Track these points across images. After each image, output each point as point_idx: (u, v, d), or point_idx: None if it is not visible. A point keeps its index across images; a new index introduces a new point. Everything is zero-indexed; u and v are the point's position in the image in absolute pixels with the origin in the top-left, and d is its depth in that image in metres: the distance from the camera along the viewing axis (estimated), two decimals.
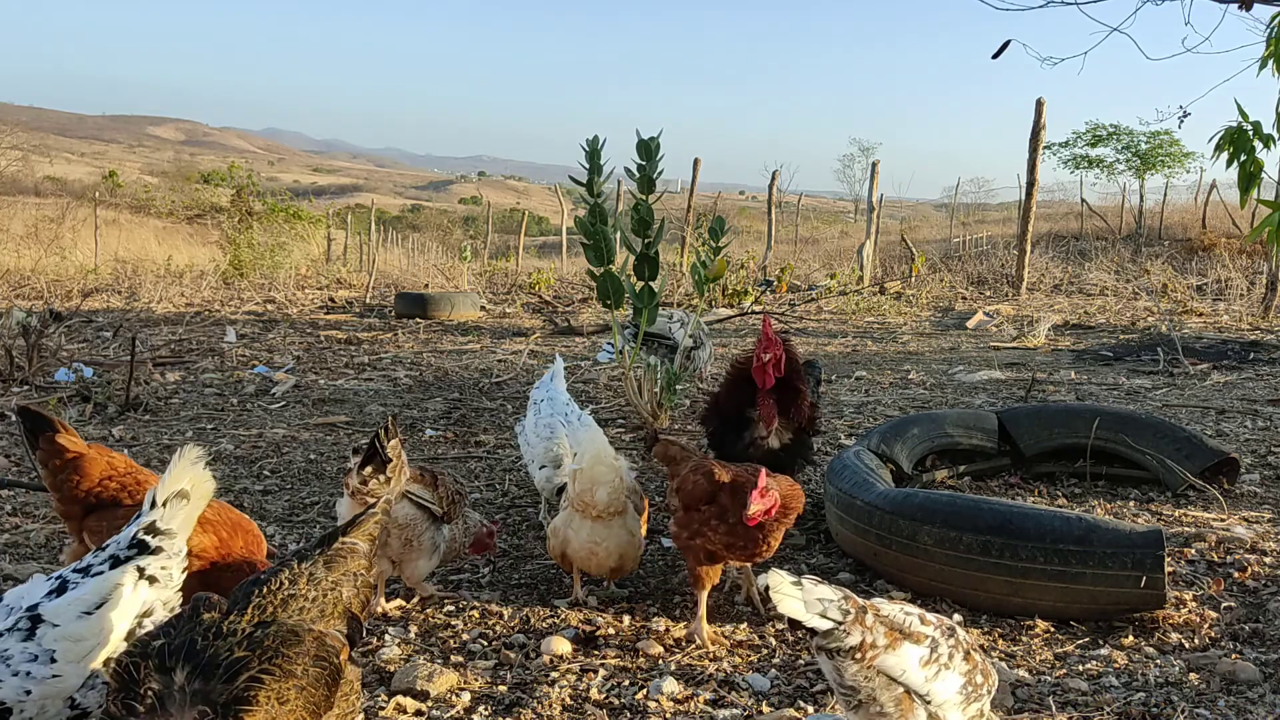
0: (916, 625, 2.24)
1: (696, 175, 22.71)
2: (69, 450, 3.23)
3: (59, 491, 3.23)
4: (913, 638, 2.21)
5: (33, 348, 8.01)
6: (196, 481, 2.62)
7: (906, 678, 2.19)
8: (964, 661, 2.28)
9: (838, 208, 62.85)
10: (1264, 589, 3.78)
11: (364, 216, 35.79)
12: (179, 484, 2.59)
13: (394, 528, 3.52)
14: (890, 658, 2.17)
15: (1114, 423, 5.33)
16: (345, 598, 2.33)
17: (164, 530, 2.57)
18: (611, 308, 6.52)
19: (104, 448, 3.37)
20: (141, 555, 2.52)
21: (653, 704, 2.93)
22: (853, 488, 4.05)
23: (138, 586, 2.50)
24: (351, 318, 13.68)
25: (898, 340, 11.73)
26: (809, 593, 2.11)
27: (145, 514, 2.58)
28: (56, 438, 3.24)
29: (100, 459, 3.27)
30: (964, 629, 2.50)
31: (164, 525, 2.57)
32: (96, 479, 3.22)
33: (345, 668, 2.27)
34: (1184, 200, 34.47)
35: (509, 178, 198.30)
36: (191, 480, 2.61)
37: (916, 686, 2.20)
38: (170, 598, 2.58)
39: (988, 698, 2.34)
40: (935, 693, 2.22)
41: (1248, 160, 4.09)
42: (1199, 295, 15.68)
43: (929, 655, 2.22)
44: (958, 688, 2.25)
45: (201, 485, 2.63)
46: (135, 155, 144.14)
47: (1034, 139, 16.44)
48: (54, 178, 50.37)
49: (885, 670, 2.17)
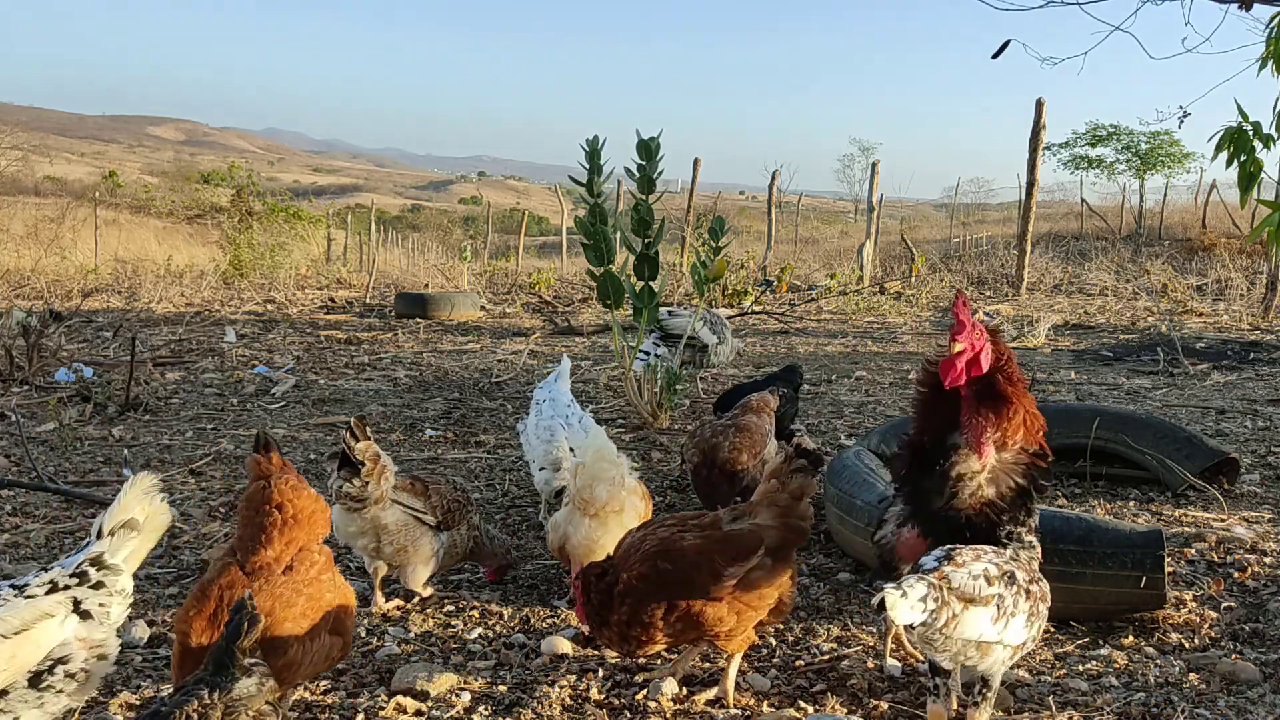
0: (984, 589, 2.49)
1: (696, 175, 22.71)
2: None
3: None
4: (981, 601, 2.47)
5: (33, 348, 8.01)
6: (150, 513, 2.42)
7: (983, 638, 2.49)
8: (1025, 601, 2.57)
9: (838, 208, 62.84)
10: (1264, 589, 3.78)
11: (364, 216, 35.77)
12: (128, 513, 2.38)
13: (384, 534, 3.50)
14: (965, 626, 2.45)
15: (1114, 423, 5.33)
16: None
17: (109, 565, 2.35)
18: (611, 308, 6.52)
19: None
20: (81, 586, 2.30)
21: (652, 704, 2.93)
22: (853, 488, 4.05)
23: (66, 621, 2.25)
24: (351, 318, 13.67)
25: (898, 340, 11.73)
26: (911, 596, 2.36)
27: (92, 544, 2.38)
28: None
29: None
30: (1016, 563, 2.66)
31: (110, 559, 2.35)
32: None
33: None
34: (1184, 200, 34.47)
35: (509, 178, 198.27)
36: (144, 511, 2.40)
37: (990, 639, 2.50)
38: (104, 640, 2.32)
39: (1045, 615, 2.68)
40: (1007, 637, 2.53)
41: (1248, 160, 4.08)
42: (1199, 295, 15.68)
43: (997, 613, 2.50)
44: (1022, 624, 2.57)
45: (156, 518, 2.43)
46: (135, 155, 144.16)
47: (1034, 139, 16.43)
48: (54, 178, 50.36)
49: (962, 635, 2.46)
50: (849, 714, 2.86)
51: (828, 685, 3.06)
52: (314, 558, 2.64)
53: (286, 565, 2.56)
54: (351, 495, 3.37)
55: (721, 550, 2.91)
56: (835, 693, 3.00)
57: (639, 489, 3.70)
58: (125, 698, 2.92)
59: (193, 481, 5.36)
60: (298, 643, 2.47)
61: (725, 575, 2.87)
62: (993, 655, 2.54)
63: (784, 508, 2.99)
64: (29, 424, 6.52)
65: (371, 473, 3.37)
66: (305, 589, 2.55)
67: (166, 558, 4.19)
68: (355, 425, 3.35)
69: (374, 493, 3.40)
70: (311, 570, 2.61)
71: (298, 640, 2.47)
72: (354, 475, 3.34)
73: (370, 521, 3.47)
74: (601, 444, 3.56)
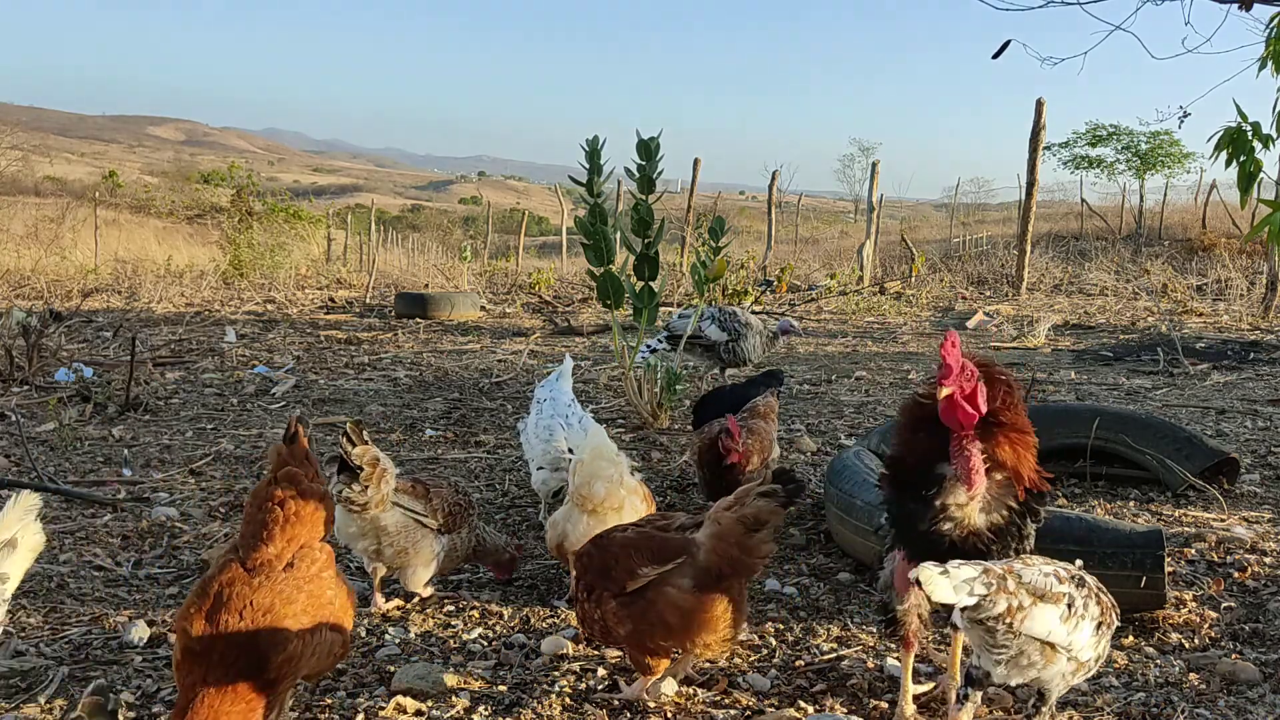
0: (1054, 586, 2.44)
1: (696, 175, 22.71)
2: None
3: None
4: (1051, 598, 2.42)
5: (33, 348, 8.01)
6: (25, 533, 2.37)
7: (1051, 636, 2.42)
8: (1095, 606, 2.52)
9: (838, 208, 62.82)
10: (1264, 589, 3.79)
11: (364, 216, 35.77)
12: (8, 532, 2.34)
13: (384, 537, 3.50)
14: (1034, 620, 2.38)
15: (1114, 423, 5.33)
16: None
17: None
18: (611, 308, 6.52)
19: None
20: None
21: (653, 704, 2.93)
22: (853, 488, 4.05)
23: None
24: (351, 318, 13.67)
25: (898, 340, 11.73)
26: (954, 577, 2.30)
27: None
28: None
29: None
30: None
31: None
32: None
33: None
34: (1184, 200, 34.48)
35: (509, 178, 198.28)
36: (21, 531, 2.36)
37: (1060, 640, 2.43)
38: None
39: (1113, 629, 2.60)
40: (1075, 642, 2.47)
41: (1247, 160, 4.08)
42: (1199, 295, 15.69)
43: (1067, 612, 2.44)
44: (1092, 631, 2.50)
45: (30, 538, 2.38)
46: (135, 155, 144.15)
47: (1034, 139, 16.44)
48: (54, 178, 50.34)
49: (1030, 631, 2.39)
50: (849, 714, 2.87)
51: (828, 685, 3.06)
52: (315, 555, 2.64)
53: (288, 562, 2.56)
54: (351, 500, 3.37)
55: (643, 548, 2.80)
56: (835, 693, 3.00)
57: (640, 489, 3.70)
58: (125, 698, 2.92)
59: (193, 481, 5.36)
60: (298, 638, 2.47)
61: (639, 574, 2.74)
62: (1056, 664, 2.46)
63: (724, 529, 2.73)
64: (29, 424, 6.52)
65: (370, 477, 3.36)
66: (306, 585, 2.55)
67: (166, 558, 4.19)
68: (351, 430, 3.33)
69: (373, 496, 3.40)
70: (313, 568, 2.61)
71: (298, 635, 2.48)
72: (352, 480, 3.34)
73: (370, 524, 3.47)
74: (600, 442, 3.55)
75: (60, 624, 3.47)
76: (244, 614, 2.41)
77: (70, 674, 3.08)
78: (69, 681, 3.04)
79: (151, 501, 4.93)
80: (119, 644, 3.32)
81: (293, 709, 2.86)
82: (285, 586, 2.51)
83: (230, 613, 2.40)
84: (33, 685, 3.00)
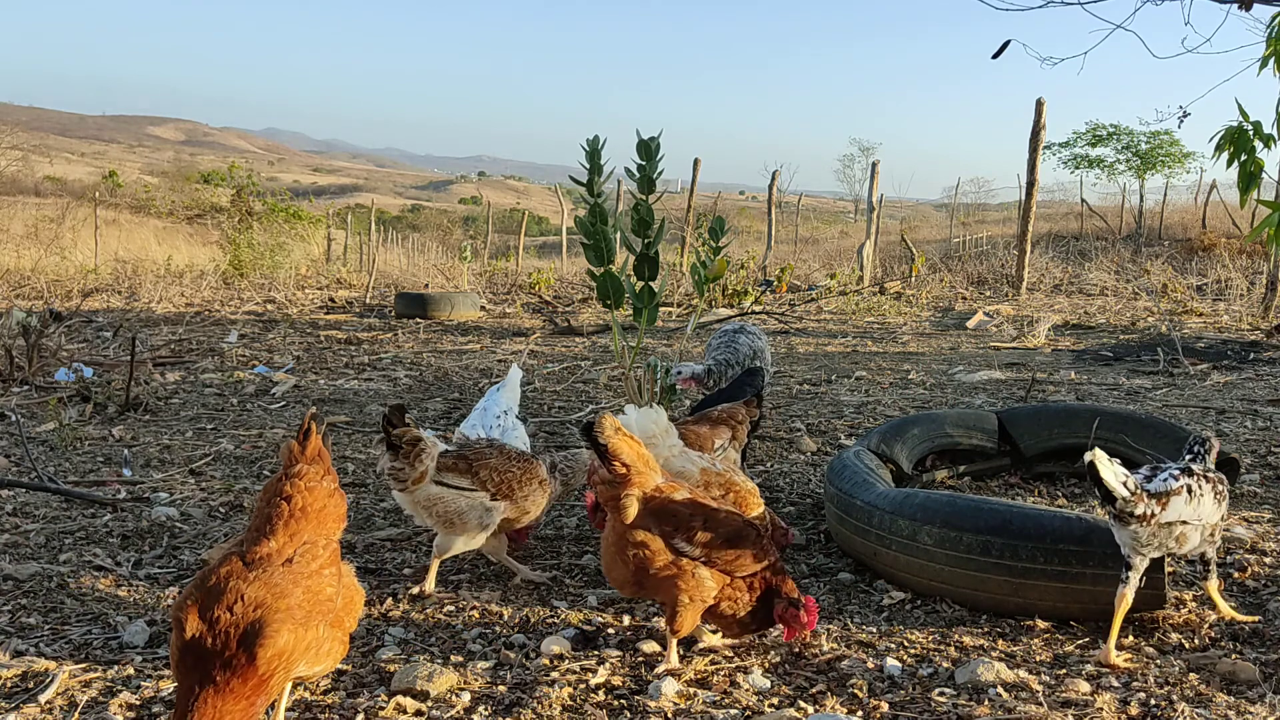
0: (1173, 483, 3.14)
1: (696, 175, 22.72)
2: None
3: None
4: (1175, 493, 3.13)
5: (33, 348, 8.00)
6: None
7: (1183, 521, 3.14)
8: (1207, 484, 3.22)
9: (838, 208, 62.84)
10: (1264, 589, 3.78)
11: (364, 216, 35.76)
12: None
13: (432, 509, 3.74)
14: (1167, 515, 3.12)
15: (1114, 423, 5.32)
16: None
17: None
18: (611, 308, 6.52)
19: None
20: None
21: (653, 704, 2.93)
22: (853, 488, 4.05)
23: None
24: (351, 318, 13.67)
25: (898, 340, 11.73)
26: (1115, 469, 3.08)
27: None
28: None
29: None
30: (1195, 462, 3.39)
31: None
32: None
33: None
34: (1184, 200, 34.52)
35: (509, 178, 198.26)
36: None
37: (1190, 519, 3.17)
38: None
39: (1228, 498, 3.37)
40: (1201, 516, 3.20)
41: (1248, 160, 4.09)
42: (1199, 295, 15.69)
43: (1189, 497, 3.15)
44: (1212, 503, 3.23)
45: None
46: (135, 155, 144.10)
47: (1034, 139, 16.45)
48: (54, 178, 50.35)
49: (1168, 524, 3.13)
50: (849, 714, 2.86)
51: (828, 685, 3.05)
52: (317, 552, 2.64)
53: (288, 558, 2.56)
54: (395, 476, 3.71)
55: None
56: (835, 693, 3.00)
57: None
58: (125, 698, 2.92)
59: (193, 481, 5.36)
60: (290, 634, 2.47)
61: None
62: (1190, 539, 3.21)
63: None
64: (29, 424, 6.52)
65: (408, 455, 3.68)
66: (304, 581, 2.55)
67: (166, 558, 4.19)
68: (392, 413, 3.68)
69: (412, 474, 3.70)
70: (313, 564, 2.61)
71: (290, 631, 2.47)
72: (397, 457, 3.70)
73: (419, 499, 3.78)
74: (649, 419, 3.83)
75: (60, 624, 3.47)
76: (234, 608, 2.40)
77: (70, 674, 3.08)
78: (69, 681, 3.04)
79: (151, 501, 4.93)
80: (119, 644, 3.31)
81: (292, 709, 2.86)
82: (281, 581, 2.51)
83: (221, 606, 2.40)
84: (33, 685, 3.00)
